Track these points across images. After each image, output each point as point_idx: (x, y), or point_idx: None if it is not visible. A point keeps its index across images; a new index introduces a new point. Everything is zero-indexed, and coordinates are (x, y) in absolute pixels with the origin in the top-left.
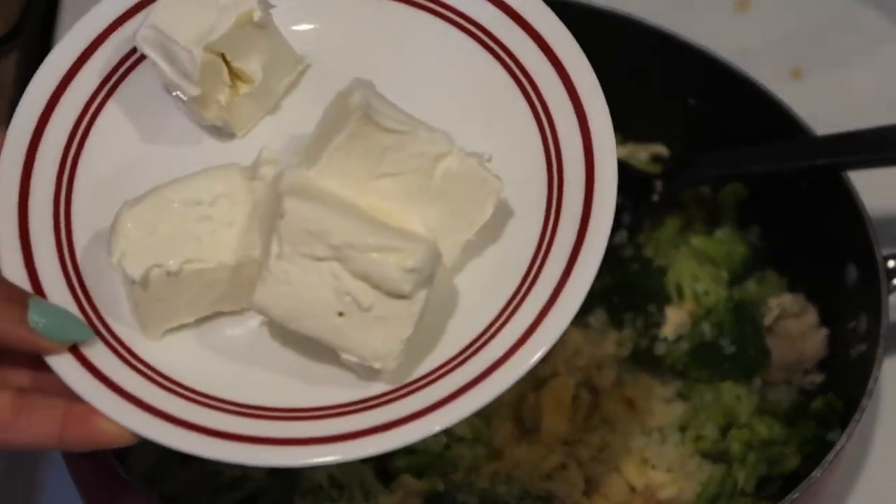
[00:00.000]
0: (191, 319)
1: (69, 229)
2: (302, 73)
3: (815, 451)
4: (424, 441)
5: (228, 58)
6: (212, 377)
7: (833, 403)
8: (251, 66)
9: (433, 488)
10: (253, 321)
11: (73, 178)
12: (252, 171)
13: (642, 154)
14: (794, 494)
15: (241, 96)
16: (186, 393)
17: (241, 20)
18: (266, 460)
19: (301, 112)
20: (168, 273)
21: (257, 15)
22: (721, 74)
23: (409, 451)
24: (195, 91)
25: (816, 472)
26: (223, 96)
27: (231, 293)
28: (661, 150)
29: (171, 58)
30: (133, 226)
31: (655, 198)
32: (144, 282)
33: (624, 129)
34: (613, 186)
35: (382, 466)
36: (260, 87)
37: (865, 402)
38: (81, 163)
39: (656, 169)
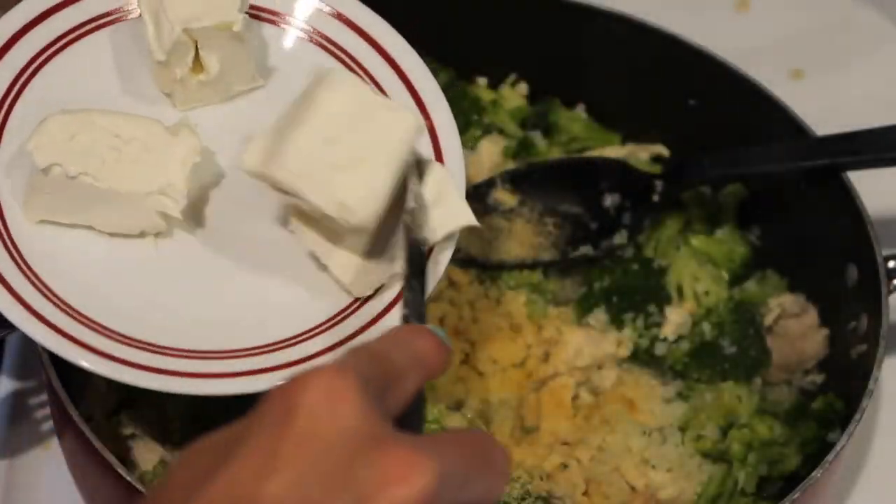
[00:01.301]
0: (66, 221)
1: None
2: (254, 88)
3: (816, 452)
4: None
5: (199, 46)
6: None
7: (833, 404)
8: (212, 61)
9: None
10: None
11: (17, 99)
12: (173, 130)
13: (642, 154)
14: (795, 495)
15: (194, 81)
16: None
17: (222, 25)
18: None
19: (238, 112)
20: (66, 175)
21: (236, 27)
22: (721, 74)
23: None
24: (161, 56)
25: (817, 473)
26: (180, 72)
27: (113, 216)
28: (661, 150)
29: (157, 23)
30: (56, 128)
31: (655, 198)
32: (45, 172)
33: (624, 129)
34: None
35: None
36: (213, 80)
37: (866, 403)
38: (27, 90)
39: (656, 169)
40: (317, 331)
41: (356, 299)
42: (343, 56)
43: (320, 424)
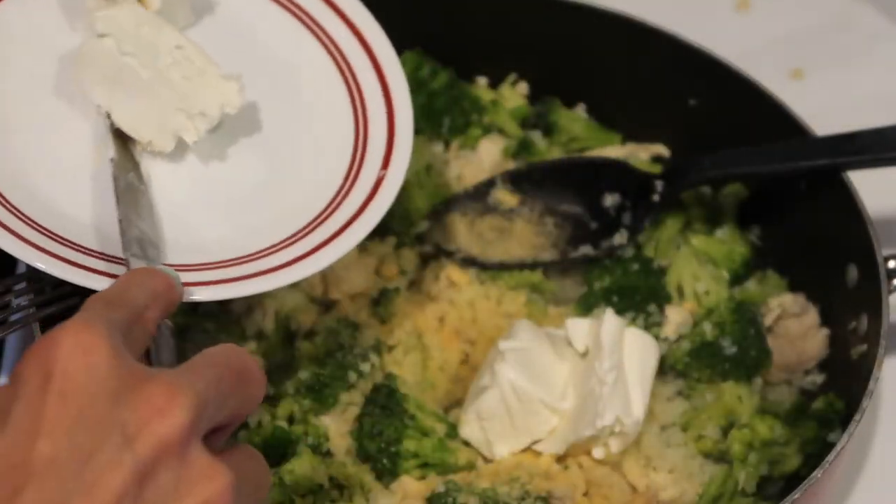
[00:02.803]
0: (95, 94)
1: None
2: (187, 26)
3: (816, 452)
4: (425, 441)
5: None
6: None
7: (834, 404)
8: None
9: (433, 489)
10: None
11: None
12: (227, 76)
13: (642, 154)
14: (795, 495)
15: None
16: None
17: None
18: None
19: None
20: (118, 50)
21: None
22: (721, 74)
23: (411, 453)
24: None
25: (817, 473)
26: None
27: (132, 111)
28: (661, 150)
29: None
30: (128, 14)
31: (656, 198)
32: (100, 38)
33: (624, 129)
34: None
35: (383, 467)
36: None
37: (866, 403)
38: None
39: (656, 169)
40: (285, 243)
41: (331, 203)
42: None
43: (77, 379)
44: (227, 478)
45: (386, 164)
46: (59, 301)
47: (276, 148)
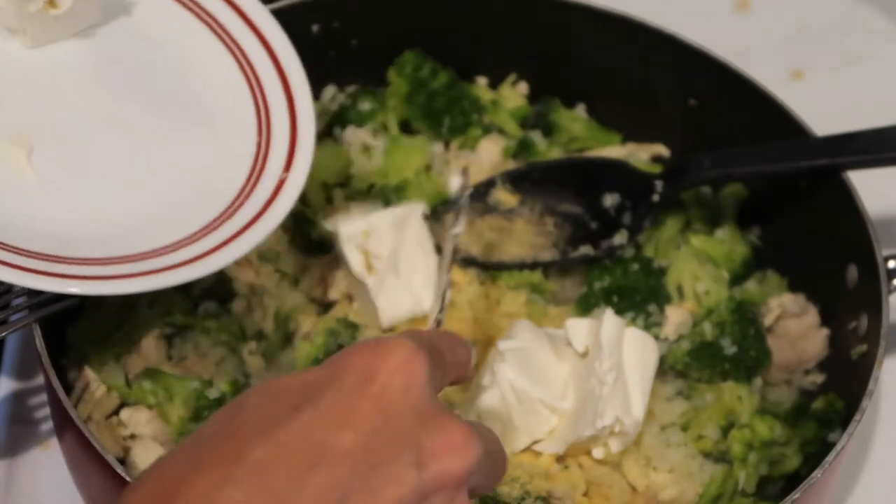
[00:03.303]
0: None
1: None
2: (94, 25)
3: (816, 452)
4: None
5: None
6: None
7: (834, 404)
8: None
9: None
10: None
11: None
12: None
13: (642, 154)
14: (795, 495)
15: (48, 15)
16: None
17: None
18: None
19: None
20: None
21: None
22: (721, 74)
23: None
24: None
25: (817, 473)
26: (34, 6)
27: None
28: (661, 150)
29: None
30: None
31: (655, 198)
32: None
33: (624, 129)
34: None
35: None
36: (64, 15)
37: (866, 403)
38: None
39: (656, 169)
40: (196, 236)
41: (232, 204)
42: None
43: (394, 392)
44: None
45: (288, 166)
46: (59, 301)
47: (175, 146)
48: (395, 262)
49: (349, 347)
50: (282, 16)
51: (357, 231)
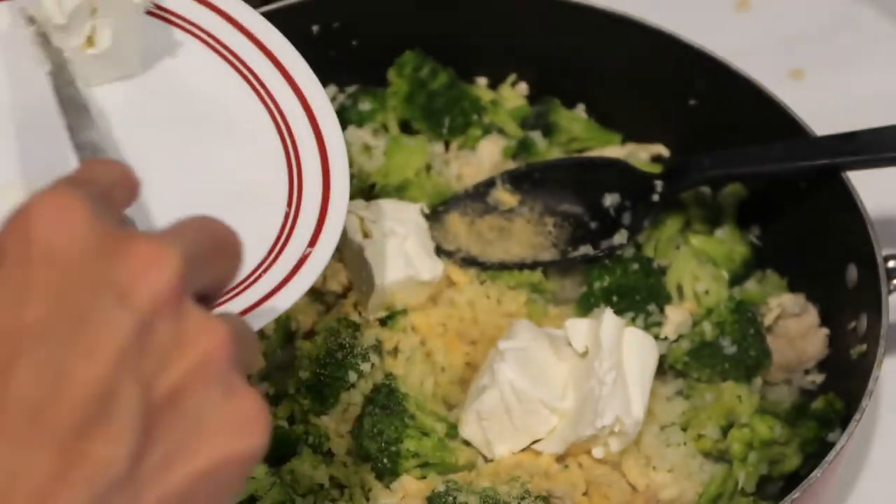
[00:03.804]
0: None
1: None
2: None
3: (816, 452)
4: (425, 440)
5: (98, 15)
6: None
7: (834, 403)
8: (105, 34)
9: (433, 488)
10: None
11: None
12: None
13: (642, 154)
14: (795, 494)
15: (85, 54)
16: None
17: None
18: None
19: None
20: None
21: (137, 4)
22: (721, 74)
23: (411, 453)
24: (61, 20)
25: (817, 473)
26: (76, 41)
27: None
28: (661, 150)
29: None
30: None
31: (655, 198)
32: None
33: (624, 129)
34: (345, 168)
35: (383, 466)
36: (101, 56)
37: (866, 403)
38: None
39: (656, 169)
40: (237, 290)
41: (252, 274)
42: (228, 55)
43: (59, 241)
44: (225, 330)
45: (314, 241)
46: None
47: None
48: (391, 227)
49: (3, 226)
50: (282, 16)
51: (357, 204)
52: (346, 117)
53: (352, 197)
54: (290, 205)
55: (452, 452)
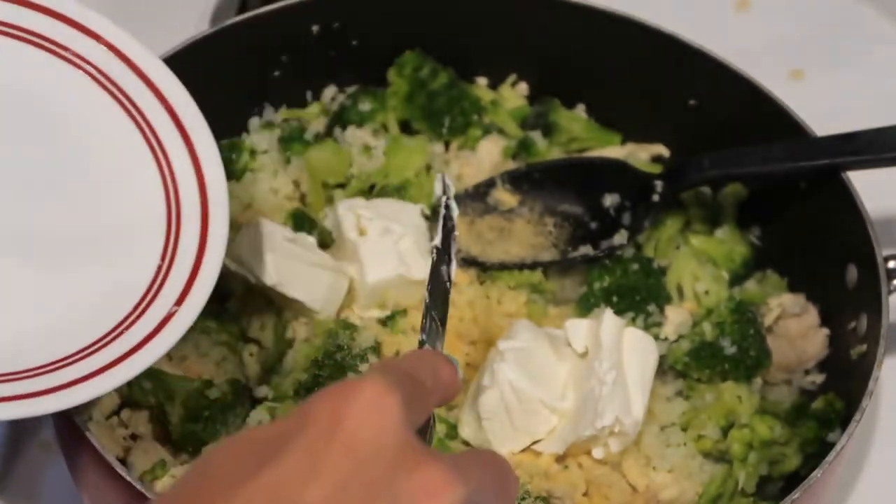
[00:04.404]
0: None
1: None
2: None
3: (816, 452)
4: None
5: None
6: None
7: (834, 403)
8: None
9: None
10: None
11: None
12: None
13: (642, 154)
14: (795, 495)
15: None
16: None
17: None
18: None
19: None
20: None
21: None
22: (721, 74)
23: None
24: None
25: (817, 473)
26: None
27: None
28: (661, 150)
29: None
30: None
31: (655, 198)
32: None
33: (624, 129)
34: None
35: None
36: None
37: (866, 403)
38: None
39: (656, 169)
40: (98, 345)
41: (113, 331)
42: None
43: (364, 436)
44: None
45: (181, 300)
46: None
47: (69, 267)
48: (387, 226)
49: (316, 393)
50: (282, 16)
51: (356, 202)
52: (346, 117)
53: (352, 197)
54: (163, 258)
55: (452, 453)
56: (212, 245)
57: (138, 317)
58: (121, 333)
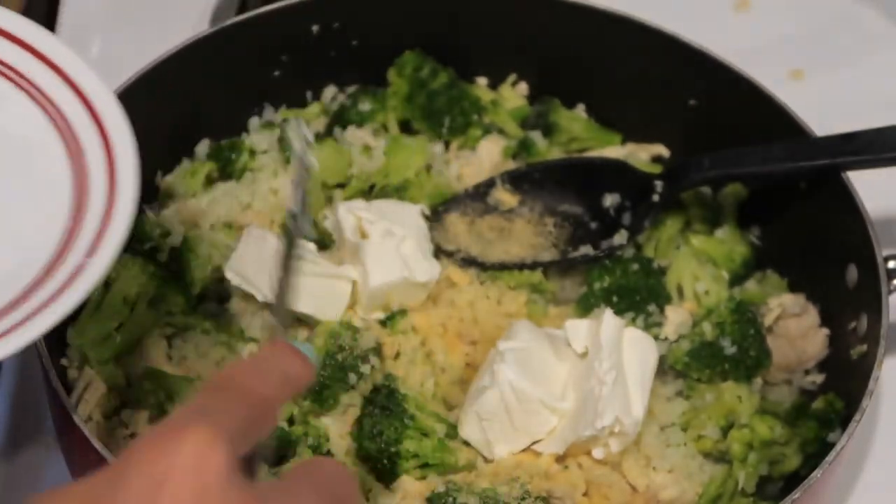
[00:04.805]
0: None
1: None
2: None
3: (816, 452)
4: (425, 441)
5: None
6: None
7: (834, 403)
8: None
9: (433, 489)
10: None
11: None
12: None
13: (642, 154)
14: (795, 495)
15: None
16: None
17: None
18: None
19: None
20: None
21: None
22: (721, 74)
23: (411, 453)
24: None
25: (817, 473)
26: None
27: None
28: (661, 150)
29: None
30: None
31: (655, 198)
32: None
33: (624, 129)
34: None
35: (383, 467)
36: None
37: (866, 403)
38: None
39: (656, 169)
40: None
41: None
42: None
43: (187, 496)
44: None
45: (92, 251)
46: None
47: None
48: (389, 228)
49: (136, 441)
50: (282, 16)
51: (355, 204)
52: (346, 117)
53: (352, 197)
54: (72, 218)
55: (452, 453)
56: (121, 191)
57: (50, 276)
58: (33, 291)
